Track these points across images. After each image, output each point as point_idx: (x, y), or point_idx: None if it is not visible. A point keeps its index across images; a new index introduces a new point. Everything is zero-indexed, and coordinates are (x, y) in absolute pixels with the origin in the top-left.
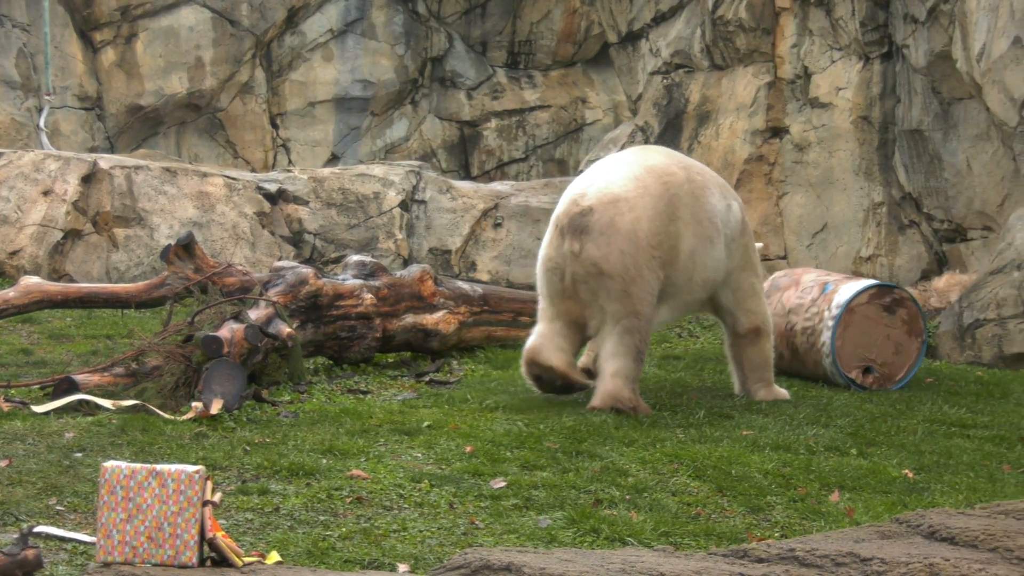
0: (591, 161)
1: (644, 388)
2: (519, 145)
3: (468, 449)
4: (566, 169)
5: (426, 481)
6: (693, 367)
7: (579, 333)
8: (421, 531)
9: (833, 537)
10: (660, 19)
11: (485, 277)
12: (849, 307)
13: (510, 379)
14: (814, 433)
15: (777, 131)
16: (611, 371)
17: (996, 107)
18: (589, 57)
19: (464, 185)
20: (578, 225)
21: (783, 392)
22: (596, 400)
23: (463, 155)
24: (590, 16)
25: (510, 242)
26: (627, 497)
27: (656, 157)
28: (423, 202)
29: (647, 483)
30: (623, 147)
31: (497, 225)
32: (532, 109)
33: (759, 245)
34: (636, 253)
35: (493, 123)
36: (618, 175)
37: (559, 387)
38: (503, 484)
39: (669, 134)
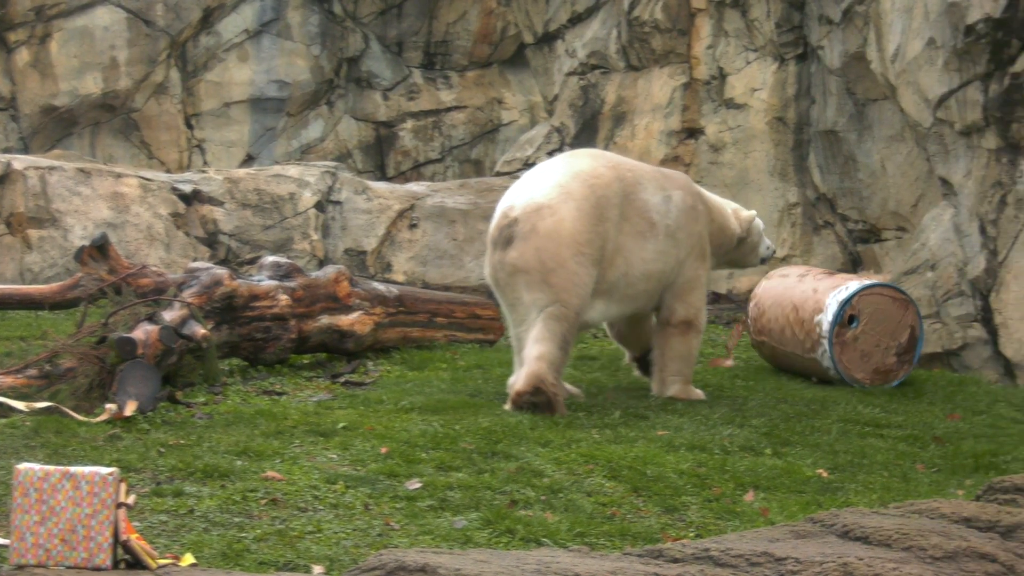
0: (507, 162)
1: None
2: (435, 146)
3: (383, 450)
4: (482, 170)
5: (341, 482)
6: (609, 367)
7: None
8: (336, 532)
9: (748, 537)
10: (576, 20)
11: (401, 278)
12: (905, 296)
13: (426, 380)
14: (729, 433)
15: (692, 132)
16: (535, 354)
17: (910, 108)
18: (505, 58)
19: (380, 186)
20: (505, 236)
21: (698, 392)
22: (520, 383)
23: (379, 156)
24: (506, 17)
25: (426, 243)
26: (542, 498)
27: (583, 161)
28: (339, 203)
29: (562, 484)
30: (539, 148)
31: (413, 226)
32: (448, 110)
33: (751, 212)
34: (557, 248)
35: (409, 124)
36: (543, 184)
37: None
38: (418, 485)
39: (585, 135)
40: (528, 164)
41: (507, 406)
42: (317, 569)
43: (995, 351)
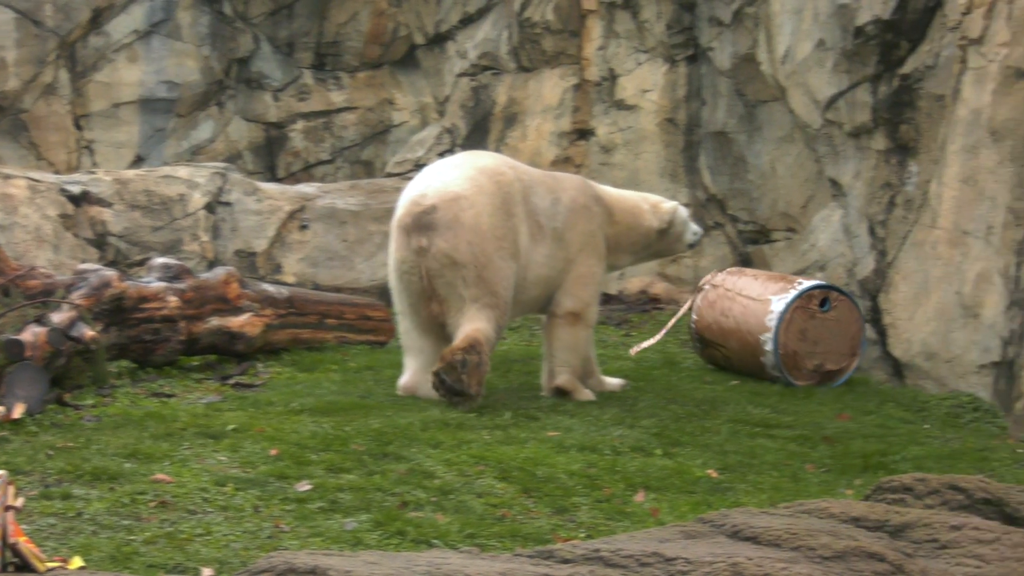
0: (399, 163)
1: None
2: (326, 147)
3: (273, 452)
4: (372, 171)
5: (231, 484)
6: (499, 368)
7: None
8: (226, 535)
9: (638, 537)
10: (467, 21)
11: (291, 279)
12: (859, 348)
13: (316, 381)
14: (619, 434)
15: (584, 133)
16: (473, 327)
17: (800, 109)
18: (396, 59)
19: (270, 187)
20: (424, 223)
21: (587, 392)
22: (458, 340)
23: (269, 157)
24: (397, 18)
25: (316, 244)
26: (433, 499)
27: (485, 159)
28: (229, 204)
29: (453, 485)
30: (430, 149)
31: (303, 227)
32: (339, 111)
33: (673, 204)
34: (483, 243)
35: (300, 125)
36: (453, 176)
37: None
38: (309, 487)
39: (476, 136)
40: (419, 165)
41: (432, 373)
42: (206, 572)
43: (884, 351)
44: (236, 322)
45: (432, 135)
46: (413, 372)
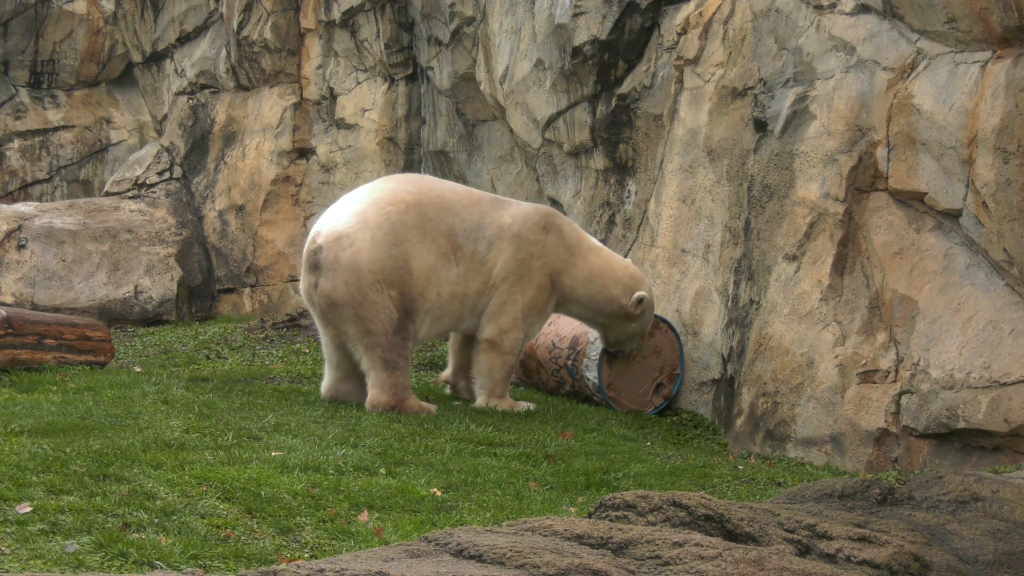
0: (117, 182)
1: (168, 410)
2: (43, 166)
3: None
4: (91, 190)
5: None
6: (221, 389)
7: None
8: None
9: (363, 557)
10: (185, 39)
11: (9, 299)
12: (648, 396)
13: (35, 403)
14: (343, 453)
15: (304, 152)
16: (368, 384)
17: (519, 129)
18: (114, 77)
19: None
20: (312, 263)
21: (521, 404)
22: (367, 407)
23: None
24: (114, 36)
25: (35, 264)
26: (156, 520)
27: (386, 186)
28: None
29: (176, 506)
30: (149, 168)
31: (21, 247)
32: (56, 129)
33: (641, 293)
34: (358, 281)
35: (16, 143)
36: (345, 212)
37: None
38: (29, 509)
39: (195, 155)
40: (138, 184)
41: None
42: None
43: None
44: None
45: (151, 154)
46: (331, 380)
